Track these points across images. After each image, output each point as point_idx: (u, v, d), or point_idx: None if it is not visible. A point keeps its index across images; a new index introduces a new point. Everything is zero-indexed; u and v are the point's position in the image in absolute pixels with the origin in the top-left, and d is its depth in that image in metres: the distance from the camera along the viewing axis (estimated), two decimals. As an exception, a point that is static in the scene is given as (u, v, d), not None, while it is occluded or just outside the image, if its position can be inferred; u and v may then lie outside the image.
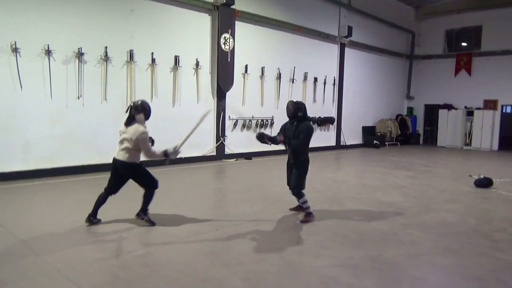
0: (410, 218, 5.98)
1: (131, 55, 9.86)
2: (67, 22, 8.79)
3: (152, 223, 5.34)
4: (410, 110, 20.73)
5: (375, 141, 17.62)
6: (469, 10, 18.45)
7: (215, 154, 12.05)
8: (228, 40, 11.71)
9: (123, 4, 9.74)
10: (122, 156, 5.23)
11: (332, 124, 16.03)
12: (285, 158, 6.06)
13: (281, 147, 6.05)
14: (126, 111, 5.35)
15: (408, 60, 20.29)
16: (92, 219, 5.33)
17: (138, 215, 5.41)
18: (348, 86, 16.70)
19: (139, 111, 5.17)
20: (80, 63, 9.00)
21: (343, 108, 16.58)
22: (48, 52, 8.47)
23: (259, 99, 13.26)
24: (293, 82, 14.23)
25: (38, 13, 8.37)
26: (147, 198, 5.36)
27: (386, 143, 18.27)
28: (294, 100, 5.84)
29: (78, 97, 9.07)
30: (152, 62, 10.30)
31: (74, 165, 9.09)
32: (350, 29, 15.73)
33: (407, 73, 20.48)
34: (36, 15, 8.34)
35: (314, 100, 15.21)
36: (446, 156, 15.25)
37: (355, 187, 8.37)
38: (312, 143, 16.58)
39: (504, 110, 18.27)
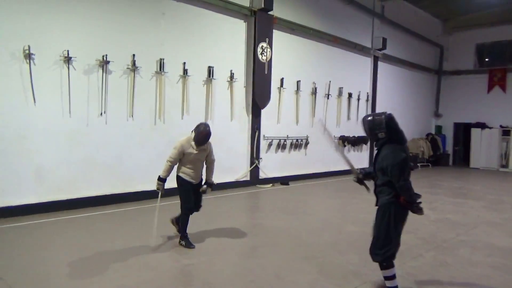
0: None
1: (161, 64, 8.40)
2: (90, 25, 7.36)
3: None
4: (439, 128, 19.43)
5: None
6: (502, 23, 17.33)
7: (249, 179, 10.52)
8: (265, 50, 10.33)
9: (153, 7, 8.33)
10: None
11: (366, 144, 14.62)
12: (325, 181, 4.70)
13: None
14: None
15: (436, 76, 19.10)
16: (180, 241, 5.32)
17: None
18: (381, 103, 15.36)
19: (194, 130, 5.23)
20: (104, 73, 7.52)
21: (376, 126, 15.20)
22: (68, 60, 6.99)
23: (294, 116, 11.83)
24: (328, 98, 12.85)
25: (57, 14, 6.94)
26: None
27: (418, 164, 16.88)
28: (370, 113, 3.97)
29: (101, 114, 7.55)
30: (184, 73, 8.85)
31: (95, 195, 7.50)
32: (384, 41, 14.48)
33: (436, 89, 19.26)
34: (54, 16, 6.90)
35: (349, 118, 13.82)
36: (492, 179, 13.87)
37: (443, 224, 6.90)
38: (343, 165, 15.02)
39: (543, 130, 17.02)
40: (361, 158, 14.58)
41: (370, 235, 3.92)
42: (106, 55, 7.48)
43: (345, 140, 13.61)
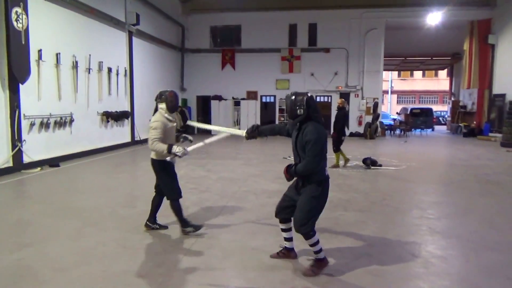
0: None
1: None
2: None
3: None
4: (185, 101, 21.51)
5: (165, 134, 17.45)
6: (230, 10, 20.57)
7: (11, 165, 9.21)
8: (20, 17, 9.04)
9: None
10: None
11: (127, 118, 14.86)
12: (96, 158, 5.32)
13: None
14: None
15: (180, 53, 20.87)
16: (150, 224, 5.08)
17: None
18: (138, 78, 15.82)
19: (161, 100, 4.79)
20: None
21: (135, 100, 15.62)
22: None
23: (56, 92, 10.90)
24: (89, 72, 12.34)
25: None
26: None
27: (172, 134, 18.37)
28: (293, 92, 3.96)
29: None
30: None
31: None
32: (138, 16, 14.86)
33: (180, 66, 21.07)
34: None
35: (109, 93, 13.68)
36: (232, 143, 16.76)
37: (224, 181, 8.31)
38: (109, 141, 15.22)
39: (263, 100, 21.53)
40: (123, 133, 14.78)
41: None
42: None
43: (108, 116, 13.47)
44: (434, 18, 18.92)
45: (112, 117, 13.72)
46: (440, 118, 32.32)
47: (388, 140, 19.01)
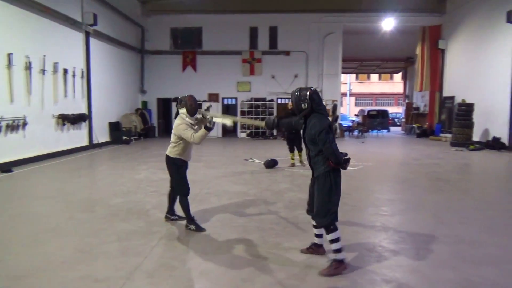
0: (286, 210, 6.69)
1: None
2: None
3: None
4: (145, 103, 21.15)
5: (124, 137, 17.12)
6: (191, 12, 20.48)
7: (-41, 170, 8.77)
8: (-32, 15, 8.63)
9: None
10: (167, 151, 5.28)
11: (84, 121, 14.44)
12: (52, 163, 5.31)
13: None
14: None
15: (140, 54, 20.51)
16: (169, 216, 5.62)
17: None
18: (95, 80, 15.41)
19: (181, 106, 5.03)
20: None
21: (92, 103, 15.21)
22: None
23: (8, 94, 10.45)
24: (44, 74, 11.91)
25: None
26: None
27: (132, 137, 18.07)
28: (298, 88, 4.18)
29: None
30: None
31: None
32: (95, 16, 14.50)
33: (140, 67, 20.71)
34: None
35: (66, 95, 13.25)
36: (195, 146, 16.71)
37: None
38: (65, 145, 14.70)
39: (224, 102, 21.56)
40: (80, 136, 14.36)
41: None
42: None
43: (64, 119, 13.04)
44: (388, 23, 19.78)
45: (69, 120, 13.30)
46: (396, 120, 33.61)
47: (346, 141, 19.59)
